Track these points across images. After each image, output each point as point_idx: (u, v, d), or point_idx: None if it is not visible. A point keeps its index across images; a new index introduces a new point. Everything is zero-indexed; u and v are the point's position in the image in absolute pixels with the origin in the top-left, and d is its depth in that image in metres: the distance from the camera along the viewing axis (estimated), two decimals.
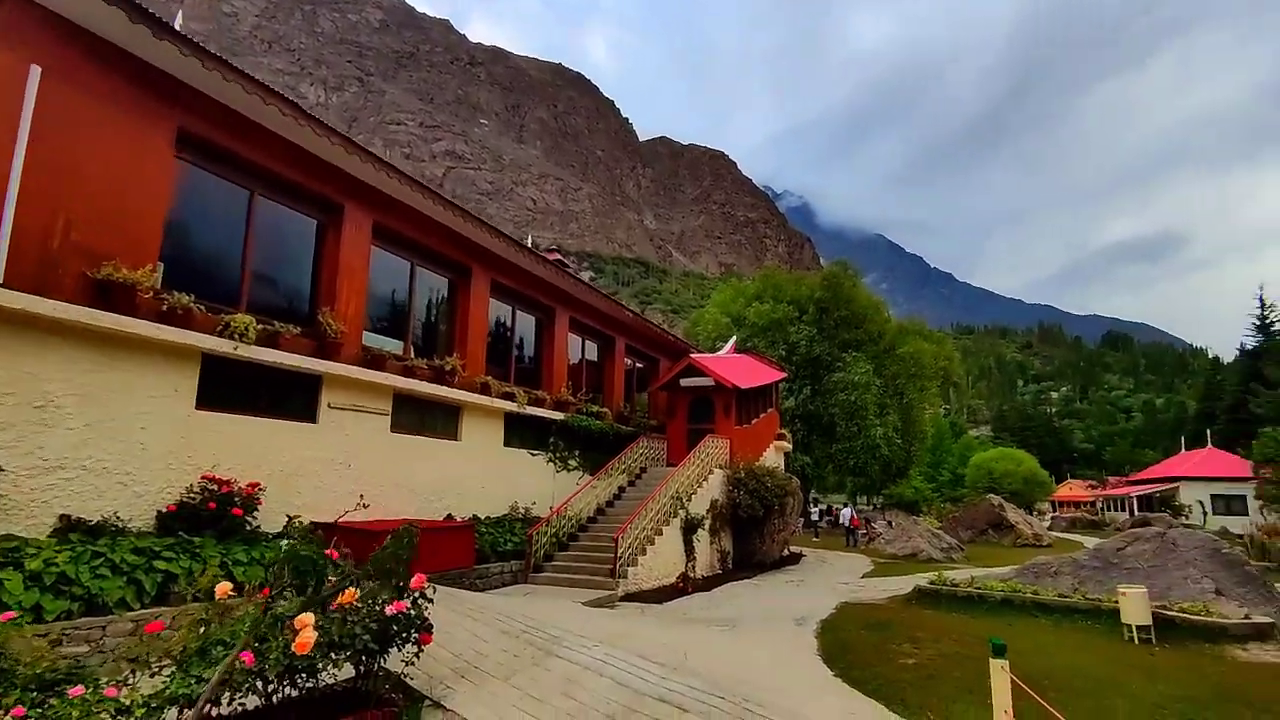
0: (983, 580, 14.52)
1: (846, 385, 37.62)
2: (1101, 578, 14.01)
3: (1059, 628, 11.81)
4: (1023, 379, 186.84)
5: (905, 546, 25.74)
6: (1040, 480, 66.34)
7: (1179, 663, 9.44)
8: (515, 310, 18.47)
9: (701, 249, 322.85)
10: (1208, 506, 44.76)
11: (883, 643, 10.16)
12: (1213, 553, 13.73)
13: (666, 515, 16.55)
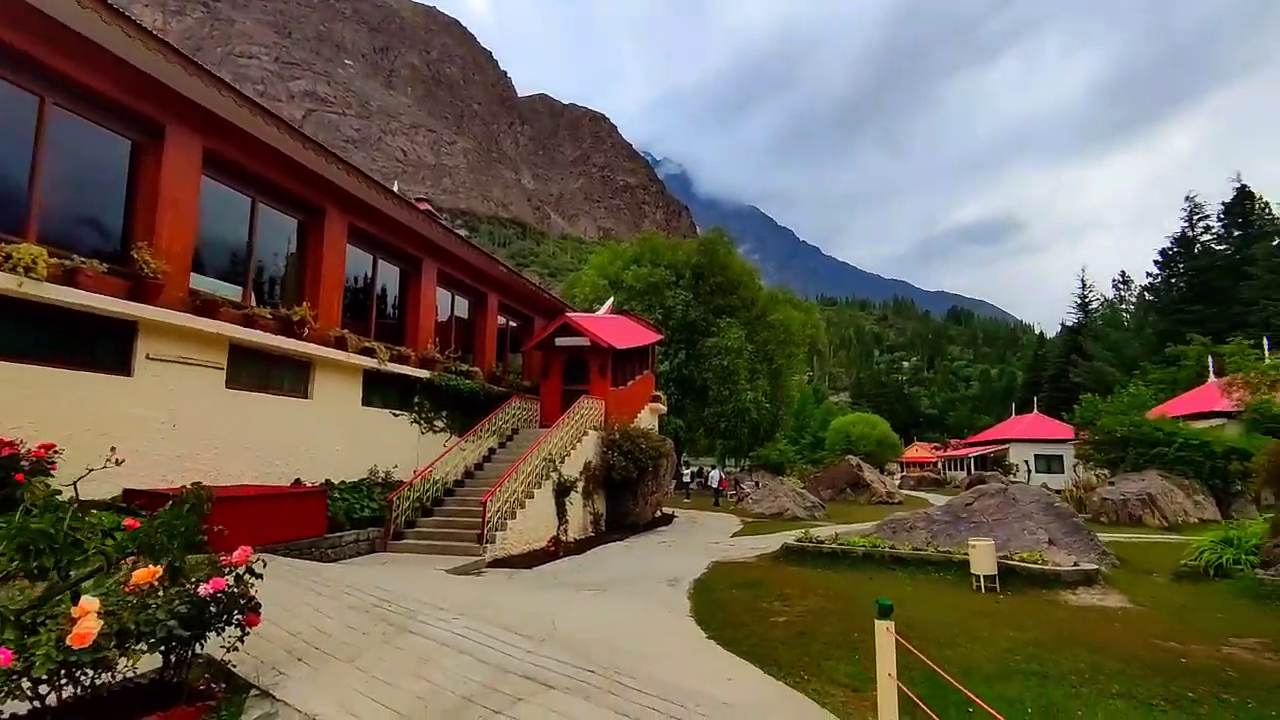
0: (845, 537, 15.00)
1: (720, 350, 38.27)
2: (952, 531, 14.83)
3: (915, 580, 12.32)
4: (878, 349, 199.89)
5: (772, 506, 26.58)
6: (892, 443, 71.19)
7: (1022, 608, 10.01)
8: (377, 259, 17.00)
9: (580, 212, 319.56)
10: (1032, 465, 49.65)
11: (754, 601, 10.14)
12: (1046, 506, 14.85)
13: (538, 478, 15.96)
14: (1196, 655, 7.64)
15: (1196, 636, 8.55)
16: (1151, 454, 24.45)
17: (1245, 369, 28.50)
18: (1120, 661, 7.21)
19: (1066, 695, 6.13)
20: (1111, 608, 10.24)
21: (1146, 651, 7.69)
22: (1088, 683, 6.47)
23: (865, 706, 5.74)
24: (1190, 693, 6.24)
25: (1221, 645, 8.17)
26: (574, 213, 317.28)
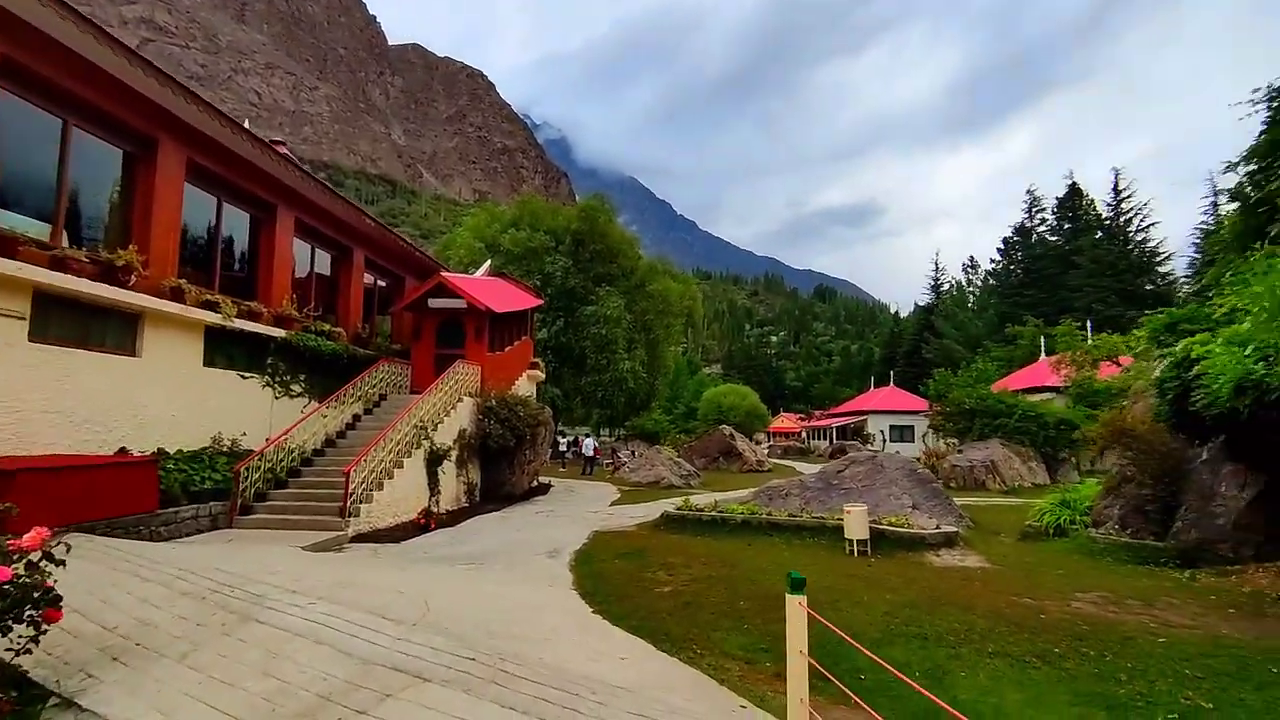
0: (724, 504, 15.10)
1: (599, 319, 37.89)
2: (824, 498, 15.28)
3: (791, 545, 12.53)
4: (750, 323, 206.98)
5: (649, 475, 26.67)
6: (760, 413, 73.90)
7: (893, 571, 10.34)
8: (222, 202, 15.12)
9: (455, 172, 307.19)
10: (887, 435, 53.11)
11: (638, 571, 9.88)
12: (910, 473, 15.61)
13: (408, 446, 14.95)
14: (1051, 611, 8.09)
15: (1047, 592, 9.11)
16: (995, 424, 26.57)
17: (1072, 349, 31.47)
18: (988, 620, 7.49)
19: (948, 656, 6.23)
20: (971, 568, 10.80)
21: (1009, 609, 8.06)
22: (964, 642, 6.64)
23: (761, 680, 5.55)
24: (1055, 648, 6.52)
25: (1070, 600, 8.72)
26: (448, 173, 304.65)
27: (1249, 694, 5.50)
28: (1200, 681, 5.76)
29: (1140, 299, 48.71)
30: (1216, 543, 10.98)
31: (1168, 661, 6.23)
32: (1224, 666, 6.14)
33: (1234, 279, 10.75)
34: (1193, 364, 8.95)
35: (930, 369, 57.80)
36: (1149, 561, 11.21)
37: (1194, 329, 9.85)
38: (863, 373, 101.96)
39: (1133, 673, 5.89)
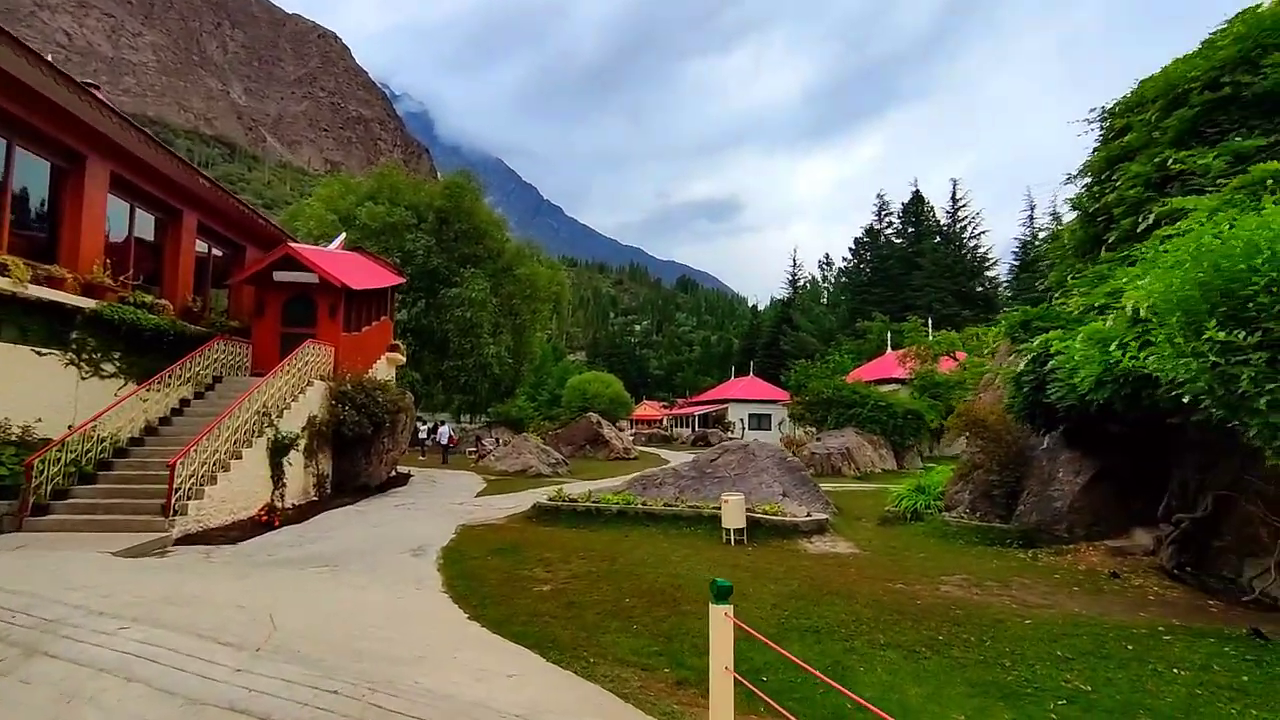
0: (598, 494, 14.70)
1: (463, 301, 36.34)
2: (698, 486, 15.25)
3: (669, 535, 12.32)
4: (614, 311, 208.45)
5: (516, 463, 25.83)
6: (624, 401, 74.39)
7: (772, 560, 10.35)
8: (13, 146, 12.73)
9: (303, 139, 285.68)
10: (746, 423, 55.00)
11: (514, 569, 9.23)
12: (780, 461, 15.91)
13: (249, 434, 13.35)
14: (924, 596, 8.31)
15: (916, 577, 9.41)
16: (849, 414, 28.02)
17: (917, 344, 33.82)
18: (872, 609, 7.54)
19: (844, 651, 6.12)
20: (844, 554, 11.03)
21: (887, 596, 8.19)
22: (856, 635, 6.58)
23: (663, 690, 5.14)
24: (939, 635, 6.61)
25: (938, 584, 9.04)
26: (295, 139, 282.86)
27: (1114, 673, 5.75)
28: (1071, 663, 5.98)
29: (972, 300, 53.51)
30: (1054, 524, 11.89)
31: (1038, 643, 6.46)
32: (1086, 645, 6.45)
33: (1080, 280, 11.64)
34: (1049, 359, 9.52)
35: (787, 360, 60.53)
36: (996, 543, 11.95)
37: (1046, 326, 10.53)
38: (722, 363, 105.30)
39: (1013, 657, 6.03)
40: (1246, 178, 7.38)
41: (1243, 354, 4.07)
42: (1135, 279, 8.24)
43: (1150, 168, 11.28)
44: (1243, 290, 4.07)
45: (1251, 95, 10.76)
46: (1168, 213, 10.29)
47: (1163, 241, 8.55)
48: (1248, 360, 4.04)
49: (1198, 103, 11.20)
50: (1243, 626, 7.25)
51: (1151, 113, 12.21)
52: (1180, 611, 8.03)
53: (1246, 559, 9.53)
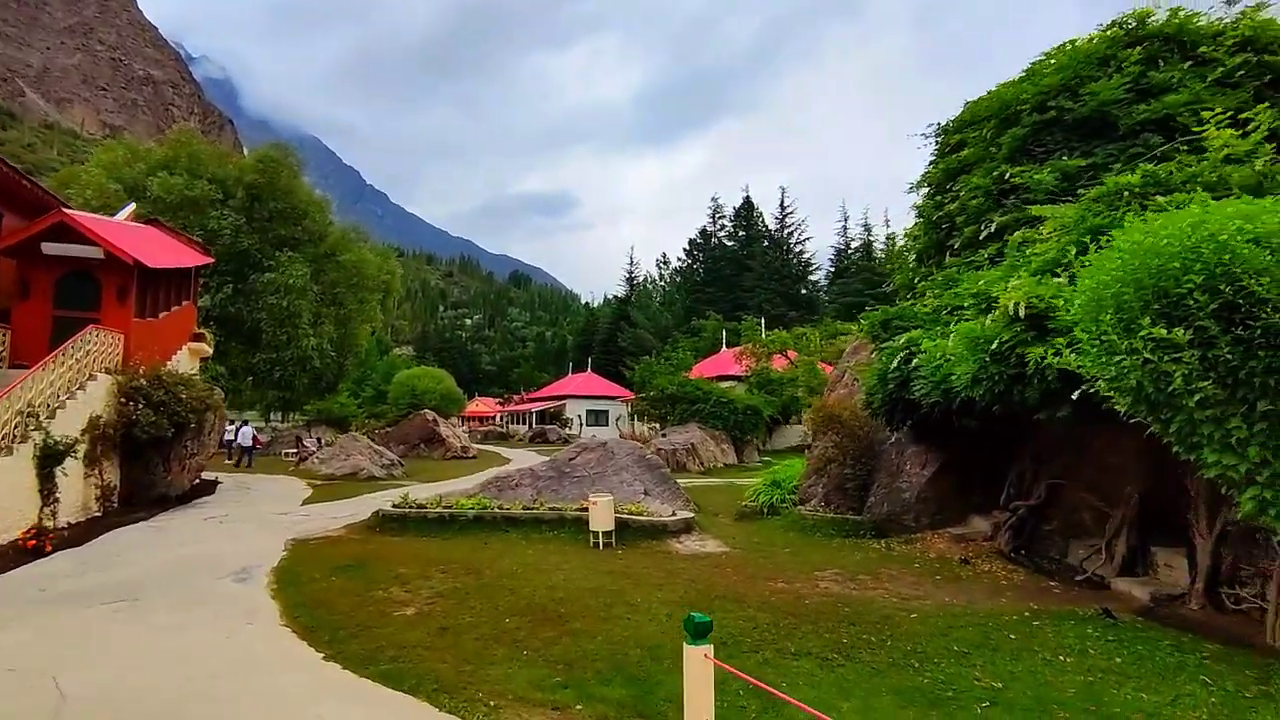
0: (449, 498, 13.55)
1: (279, 288, 32.77)
2: (557, 487, 14.54)
3: (531, 541, 11.52)
4: (444, 305, 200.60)
5: (344, 465, 23.57)
6: (456, 397, 71.55)
7: (647, 564, 9.90)
8: None
9: (75, 97, 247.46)
10: (584, 419, 54.77)
11: (366, 590, 8.06)
12: (640, 459, 15.59)
13: (6, 440, 10.83)
14: (809, 595, 8.23)
15: (792, 574, 9.37)
16: (693, 410, 28.48)
17: (754, 342, 35.21)
18: (766, 613, 7.29)
19: (758, 664, 5.74)
20: (716, 554, 10.83)
21: (775, 598, 8.01)
22: (762, 645, 6.26)
23: None
24: (842, 639, 6.46)
25: (815, 581, 9.03)
26: (66, 97, 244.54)
27: (1012, 665, 5.85)
28: (970, 658, 6.02)
29: (798, 302, 56.98)
30: (902, 514, 12.49)
31: (933, 639, 6.49)
32: (974, 638, 6.57)
33: (930, 283, 12.29)
34: (913, 356, 9.88)
35: (624, 356, 61.06)
36: (851, 534, 12.35)
37: (906, 325, 10.98)
38: (558, 359, 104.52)
39: (919, 657, 5.97)
40: (1103, 189, 7.99)
41: (1176, 351, 4.11)
42: (998, 281, 8.69)
43: (989, 180, 12.13)
44: (1176, 289, 4.12)
45: (1072, 120, 11.86)
46: (1010, 221, 11.10)
47: (1023, 245, 9.10)
48: (1180, 359, 4.08)
49: (1028, 123, 12.20)
50: (1090, 607, 7.81)
51: (986, 130, 13.18)
52: (1032, 594, 8.55)
53: (1071, 541, 10.46)
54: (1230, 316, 3.96)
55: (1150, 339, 4.14)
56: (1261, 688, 5.38)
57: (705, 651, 2.98)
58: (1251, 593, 7.32)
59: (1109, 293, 4.33)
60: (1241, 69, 11.34)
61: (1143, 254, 4.18)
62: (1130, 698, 5.16)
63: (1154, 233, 4.19)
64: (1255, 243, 3.65)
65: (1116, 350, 4.31)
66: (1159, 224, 4.24)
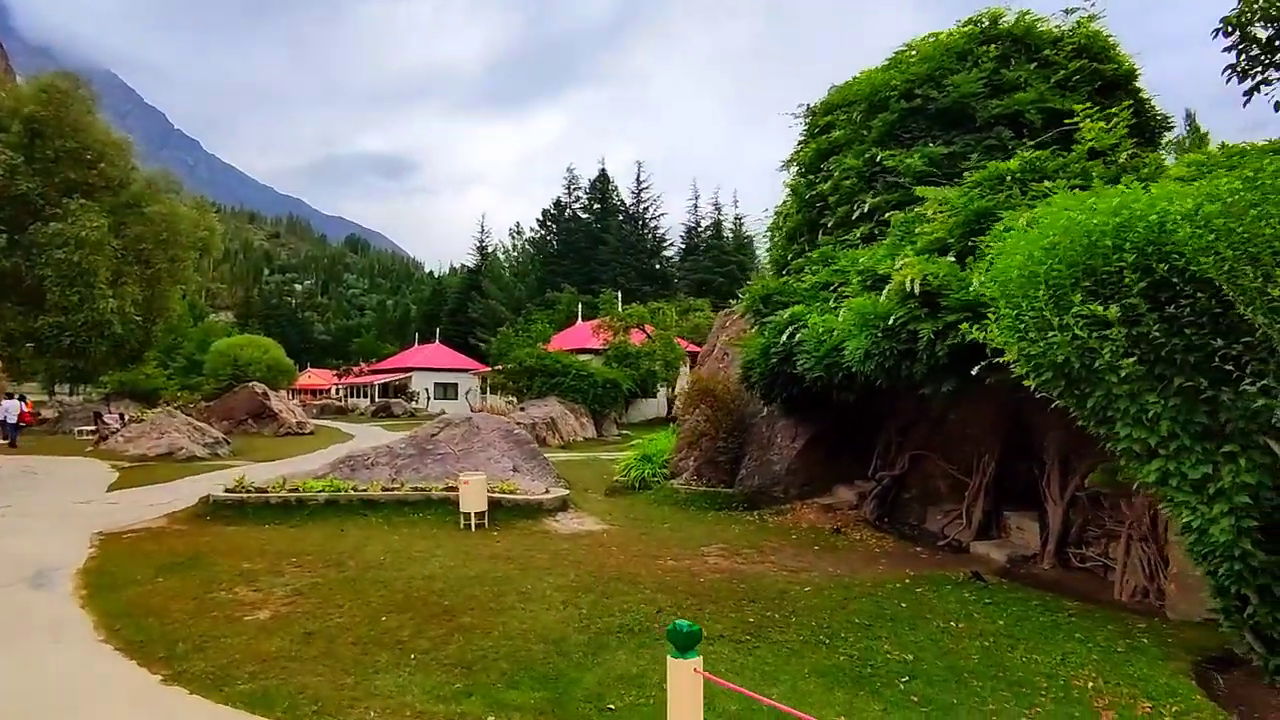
0: (294, 480, 12.17)
1: (68, 240, 28.18)
2: (418, 465, 13.52)
3: (395, 525, 10.57)
4: (269, 268, 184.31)
5: (159, 444, 20.75)
6: (286, 368, 66.03)
7: (527, 545, 9.34)
8: None
9: None
10: (432, 393, 52.33)
11: (206, 592, 6.91)
12: (506, 434, 14.86)
13: None
14: (701, 572, 8.08)
15: (679, 551, 9.20)
16: (553, 383, 27.86)
17: (611, 315, 35.04)
18: (665, 594, 7.02)
19: None
20: (596, 532, 10.46)
21: (669, 577, 7.77)
22: (663, 627, 5.94)
23: None
24: (748, 618, 6.32)
25: (703, 557, 8.91)
26: None
27: (913, 635, 5.96)
28: (872, 630, 6.08)
29: (652, 277, 57.51)
30: (773, 486, 12.77)
31: (833, 613, 6.51)
32: (869, 609, 6.67)
33: (805, 260, 12.50)
34: (796, 331, 9.96)
35: (475, 328, 58.99)
36: (724, 507, 12.46)
37: (786, 301, 11.07)
38: (400, 329, 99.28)
39: (827, 633, 5.94)
40: (984, 173, 8.33)
41: (1104, 328, 4.18)
42: (884, 259, 8.88)
43: (860, 162, 12.49)
44: (1105, 267, 4.19)
45: (935, 109, 12.45)
46: (882, 202, 11.48)
47: (905, 225, 9.34)
48: (1107, 335, 4.15)
49: (896, 109, 12.66)
50: (958, 571, 8.25)
51: (855, 113, 13.56)
52: (904, 561, 8.92)
53: (929, 508, 11.11)
54: (1157, 296, 4.08)
55: (1082, 316, 4.19)
56: (1127, 641, 5.82)
57: (695, 665, 2.55)
58: (1096, 552, 8.05)
59: (1042, 269, 4.34)
60: (1078, 74, 12.35)
61: (1077, 232, 4.21)
62: (1026, 660, 5.37)
63: (1086, 212, 4.23)
64: (1191, 224, 3.74)
65: (1050, 326, 4.33)
66: (1091, 203, 4.30)
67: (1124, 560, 7.23)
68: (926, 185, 11.87)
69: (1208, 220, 3.59)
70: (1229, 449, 4.10)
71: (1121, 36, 13.20)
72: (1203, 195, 3.77)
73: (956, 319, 6.87)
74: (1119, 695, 4.71)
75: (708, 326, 40.29)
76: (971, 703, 4.58)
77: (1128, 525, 7.25)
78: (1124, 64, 12.84)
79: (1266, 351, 3.70)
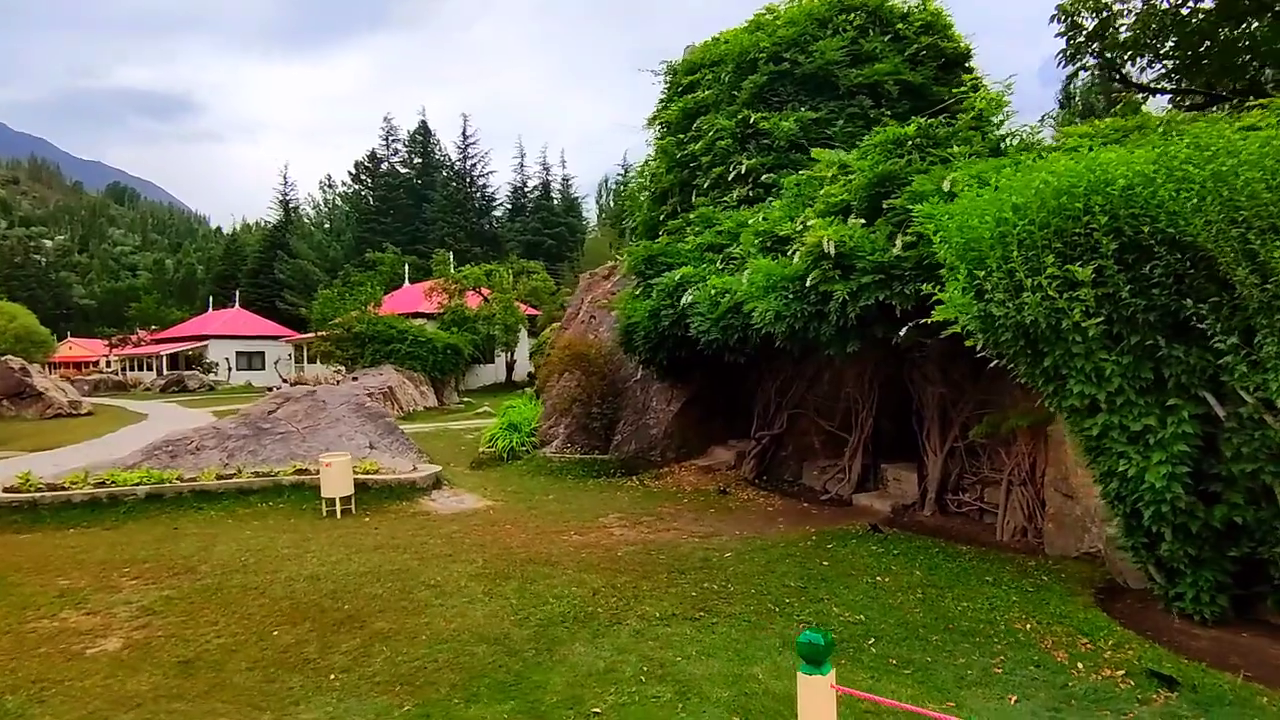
0: (103, 472, 10.16)
1: None
2: (255, 447, 11.85)
3: (240, 518, 9.19)
4: (7, 220, 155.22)
5: None
6: (40, 338, 56.28)
7: (413, 530, 8.46)
8: None
9: None
10: (233, 363, 46.91)
11: (20, 624, 5.50)
12: (357, 408, 13.47)
13: None
14: (614, 545, 7.74)
15: (579, 524, 8.79)
16: (388, 350, 25.85)
17: (445, 277, 33.16)
18: (591, 573, 6.59)
19: (635, 637, 5.03)
20: (480, 509, 9.76)
21: (585, 554, 7.35)
22: (622, 614, 5.52)
23: None
24: (689, 591, 6.06)
25: (606, 529, 8.58)
26: None
27: (849, 595, 6.02)
28: (809, 592, 6.08)
29: (482, 237, 55.12)
30: (650, 451, 12.66)
31: (765, 579, 6.44)
32: (796, 571, 6.69)
33: (681, 220, 12.33)
34: (684, 293, 9.77)
35: (284, 290, 53.59)
36: (603, 474, 12.19)
37: (671, 263, 10.82)
38: (185, 291, 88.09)
39: (772, 601, 5.85)
40: (881, 136, 8.45)
41: (1074, 290, 4.29)
42: (782, 221, 8.86)
43: (733, 124, 12.45)
44: (1075, 228, 4.28)
45: (801, 74, 12.66)
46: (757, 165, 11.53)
47: (799, 186, 9.35)
48: (1077, 296, 4.26)
49: (765, 71, 12.73)
50: (853, 524, 8.60)
51: (724, 73, 13.50)
52: (800, 518, 9.16)
53: (804, 464, 11.55)
54: (1124, 257, 4.25)
55: (1054, 277, 4.27)
56: (1029, 580, 6.29)
57: (829, 681, 2.18)
58: (972, 497, 8.71)
59: (1014, 231, 4.37)
60: (926, 50, 13.08)
61: (1047, 193, 4.26)
62: (961, 609, 5.60)
63: (1051, 175, 4.29)
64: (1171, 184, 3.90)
65: (1023, 288, 4.38)
66: (1061, 165, 4.37)
67: (1004, 504, 7.85)
68: (798, 150, 12.25)
69: (1197, 182, 3.74)
70: (1172, 402, 4.41)
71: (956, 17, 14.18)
72: (1172, 158, 3.95)
73: (871, 280, 6.98)
74: (1057, 636, 5.01)
75: (546, 290, 39.63)
76: (942, 659, 4.66)
77: (1008, 472, 7.86)
78: (960, 43, 13.74)
79: (1229, 310, 3.97)
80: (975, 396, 8.57)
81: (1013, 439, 7.87)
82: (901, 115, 12.36)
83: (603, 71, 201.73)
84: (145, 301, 59.14)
